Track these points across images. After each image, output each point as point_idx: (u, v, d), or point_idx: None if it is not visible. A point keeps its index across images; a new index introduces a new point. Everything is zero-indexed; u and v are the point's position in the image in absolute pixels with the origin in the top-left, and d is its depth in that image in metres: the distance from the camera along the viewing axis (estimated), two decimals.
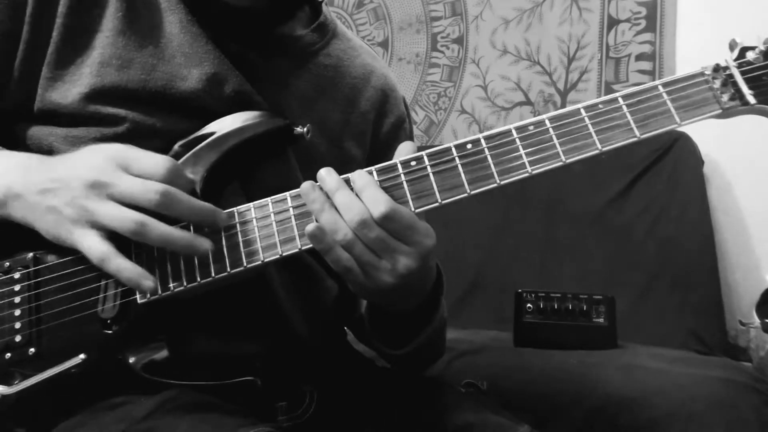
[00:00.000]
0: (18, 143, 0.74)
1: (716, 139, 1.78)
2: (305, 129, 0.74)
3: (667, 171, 1.81)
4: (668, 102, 0.65)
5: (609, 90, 2.05)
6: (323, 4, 0.89)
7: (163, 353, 0.67)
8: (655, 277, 1.73)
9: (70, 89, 0.71)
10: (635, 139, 0.65)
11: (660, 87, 0.65)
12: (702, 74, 0.66)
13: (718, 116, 0.65)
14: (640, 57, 2.02)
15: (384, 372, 0.92)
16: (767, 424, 1.11)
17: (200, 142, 0.71)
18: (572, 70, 2.12)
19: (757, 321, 1.47)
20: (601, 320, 1.45)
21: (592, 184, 1.85)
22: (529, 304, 1.48)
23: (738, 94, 0.65)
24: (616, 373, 1.25)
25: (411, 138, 0.97)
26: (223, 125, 0.72)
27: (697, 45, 1.94)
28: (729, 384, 1.20)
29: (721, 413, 1.11)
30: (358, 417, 0.80)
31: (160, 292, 0.66)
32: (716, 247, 1.76)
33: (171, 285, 0.67)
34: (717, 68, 0.66)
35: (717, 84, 0.65)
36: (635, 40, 2.03)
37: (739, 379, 1.23)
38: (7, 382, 0.65)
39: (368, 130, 0.89)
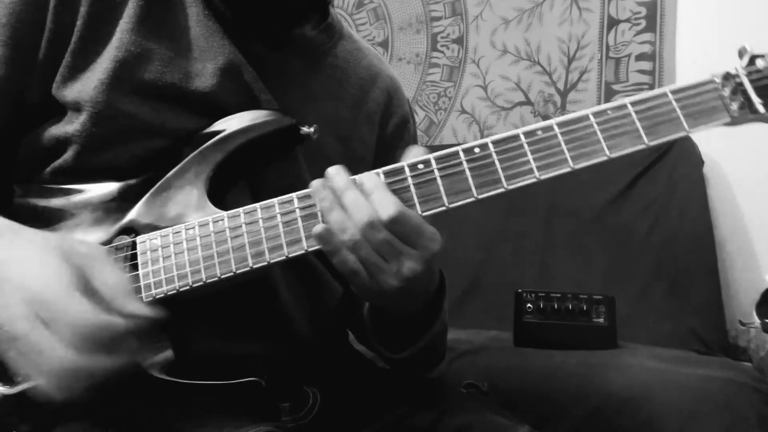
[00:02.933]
0: (24, 145, 0.74)
1: (716, 139, 1.78)
2: (312, 129, 0.74)
3: (667, 171, 1.81)
4: (677, 109, 0.64)
5: (609, 90, 2.05)
6: (330, 6, 0.89)
7: (168, 353, 0.67)
8: (655, 277, 1.73)
9: (90, 77, 0.71)
10: (643, 146, 0.64)
11: (669, 94, 0.65)
12: (712, 81, 0.65)
13: (727, 124, 0.65)
14: (640, 57, 2.02)
15: (385, 372, 0.92)
16: (767, 424, 1.11)
17: (206, 141, 0.71)
18: (572, 70, 2.12)
19: (757, 321, 1.47)
20: (601, 320, 1.45)
21: (592, 184, 1.85)
22: (529, 304, 1.48)
23: (747, 103, 0.64)
24: (616, 373, 1.25)
25: (415, 138, 0.97)
26: (229, 124, 0.72)
27: (697, 45, 1.93)
28: (729, 384, 1.20)
29: (721, 413, 1.11)
30: (361, 418, 0.80)
31: (165, 292, 0.66)
32: (716, 247, 1.76)
33: (176, 284, 0.67)
34: (727, 76, 0.65)
35: (726, 92, 0.64)
36: (635, 40, 2.03)
37: (739, 379, 1.23)
38: (10, 381, 0.65)
39: (374, 130, 0.89)
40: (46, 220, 0.70)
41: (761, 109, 0.64)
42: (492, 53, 2.27)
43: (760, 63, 0.65)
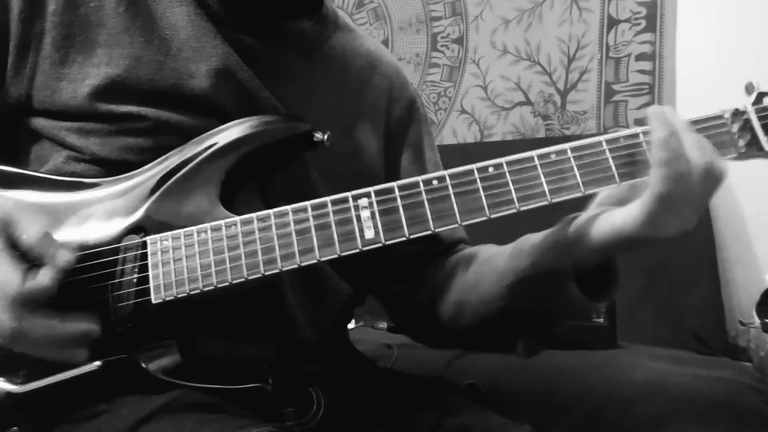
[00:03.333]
0: (27, 134, 0.74)
1: None
2: (325, 136, 0.74)
3: None
4: None
5: (609, 90, 2.06)
6: None
7: (174, 355, 0.67)
8: (655, 277, 1.73)
9: (76, 89, 0.71)
10: None
11: None
12: (721, 117, 0.66)
13: (734, 159, 0.67)
14: (640, 57, 2.02)
15: (385, 373, 0.92)
16: (767, 424, 1.11)
17: (218, 143, 0.71)
18: (572, 70, 2.12)
19: (757, 321, 1.47)
20: (601, 320, 1.45)
21: None
22: None
23: (754, 140, 0.66)
24: (616, 373, 1.25)
25: (425, 117, 0.96)
26: (242, 128, 0.72)
27: (697, 45, 1.94)
28: (729, 384, 1.20)
29: (721, 413, 1.11)
30: (362, 419, 0.80)
31: (176, 294, 0.66)
32: (716, 248, 1.76)
33: (187, 287, 0.67)
34: (736, 112, 0.67)
35: (735, 128, 0.66)
36: (635, 40, 2.03)
37: (739, 379, 1.23)
38: (15, 374, 0.65)
39: (380, 118, 0.88)
40: (54, 213, 0.69)
41: (767, 147, 0.66)
42: (492, 53, 2.27)
43: (767, 101, 0.66)
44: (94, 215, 0.69)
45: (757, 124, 0.66)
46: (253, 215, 0.68)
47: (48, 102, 0.71)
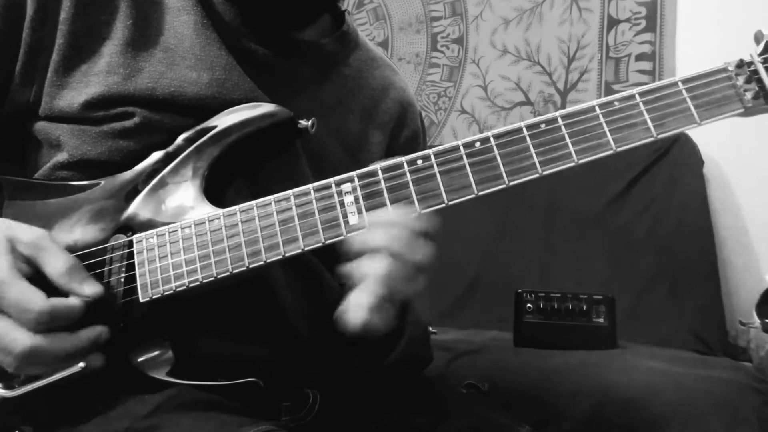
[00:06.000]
0: (27, 138, 0.74)
1: (716, 139, 1.79)
2: (310, 122, 0.73)
3: (667, 171, 1.81)
4: (688, 100, 0.61)
5: (609, 90, 2.06)
6: (346, 14, 0.88)
7: (167, 353, 0.67)
8: (655, 277, 1.73)
9: (75, 97, 0.71)
10: (651, 139, 0.61)
11: (680, 83, 0.62)
12: (725, 70, 0.62)
13: (740, 115, 0.62)
14: (640, 57, 2.02)
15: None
16: (767, 424, 1.11)
17: (203, 136, 0.71)
18: (572, 70, 2.12)
19: (757, 321, 1.47)
20: (601, 320, 1.45)
21: (591, 184, 1.86)
22: (529, 304, 1.48)
23: (762, 92, 0.61)
24: (616, 373, 1.25)
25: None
26: (226, 119, 0.72)
27: (697, 45, 1.94)
28: (729, 384, 1.20)
29: (721, 413, 1.11)
30: (361, 418, 0.80)
31: (162, 292, 0.66)
32: (716, 248, 1.76)
33: (173, 284, 0.66)
34: (741, 64, 0.62)
35: (740, 81, 0.61)
36: (635, 40, 2.03)
37: (739, 379, 1.23)
38: (10, 378, 0.65)
39: (385, 141, 0.88)
40: (45, 218, 0.70)
41: None
42: (492, 53, 2.27)
43: None
44: (84, 217, 0.70)
45: (764, 74, 0.61)
46: (236, 207, 0.67)
47: (48, 108, 0.72)
